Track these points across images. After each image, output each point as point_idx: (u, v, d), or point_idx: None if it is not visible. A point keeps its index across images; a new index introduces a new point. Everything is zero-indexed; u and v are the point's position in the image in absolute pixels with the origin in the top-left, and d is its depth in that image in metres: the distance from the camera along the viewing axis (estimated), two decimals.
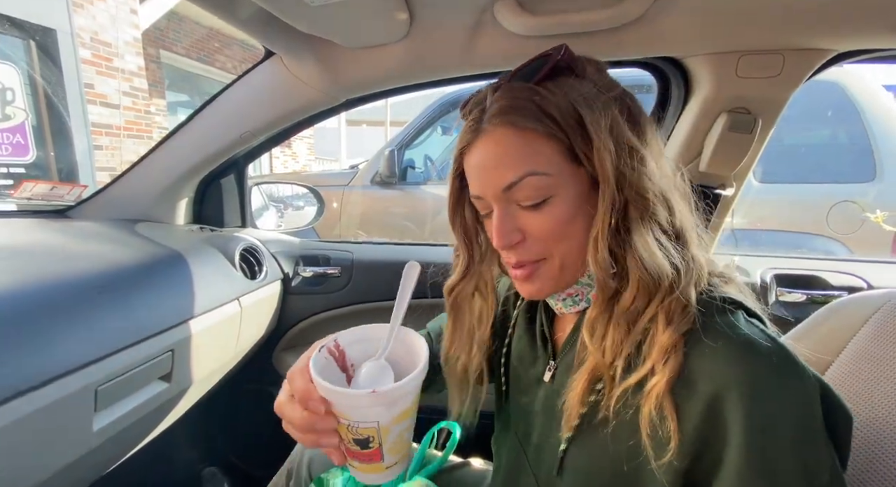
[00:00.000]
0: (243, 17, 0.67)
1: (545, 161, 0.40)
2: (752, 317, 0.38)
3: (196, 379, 0.82)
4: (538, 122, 0.40)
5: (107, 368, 0.62)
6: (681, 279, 0.38)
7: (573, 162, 0.41)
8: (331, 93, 0.88)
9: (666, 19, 0.67)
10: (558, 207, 0.41)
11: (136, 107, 4.14)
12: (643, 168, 0.40)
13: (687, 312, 0.37)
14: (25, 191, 0.98)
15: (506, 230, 0.43)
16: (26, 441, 0.52)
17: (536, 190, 0.41)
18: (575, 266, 0.43)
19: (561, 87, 0.41)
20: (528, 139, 0.40)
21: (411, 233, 2.63)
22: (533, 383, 0.51)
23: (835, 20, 0.65)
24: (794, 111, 0.78)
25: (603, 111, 0.40)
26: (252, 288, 0.99)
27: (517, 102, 0.41)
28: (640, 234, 0.39)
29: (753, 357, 0.34)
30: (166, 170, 1.01)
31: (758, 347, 0.35)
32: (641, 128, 0.42)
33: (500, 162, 0.41)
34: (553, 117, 0.40)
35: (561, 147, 0.40)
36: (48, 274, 0.64)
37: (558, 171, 0.41)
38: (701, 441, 0.35)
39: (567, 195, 0.41)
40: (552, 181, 0.40)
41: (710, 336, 0.36)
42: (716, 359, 0.35)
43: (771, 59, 0.71)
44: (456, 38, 0.73)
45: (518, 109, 0.40)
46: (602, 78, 0.43)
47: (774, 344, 0.35)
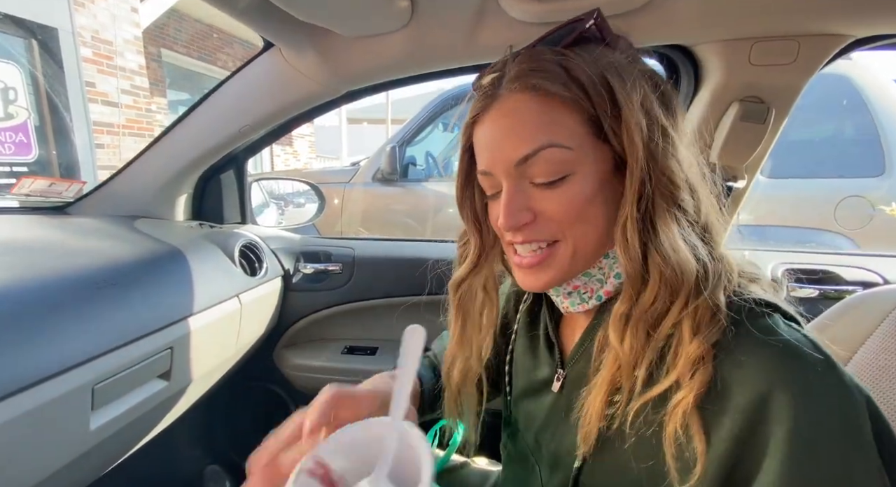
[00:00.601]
0: (240, 7, 0.65)
1: (567, 133, 0.36)
2: (790, 321, 0.34)
3: (196, 377, 0.81)
4: (563, 87, 0.35)
5: (104, 366, 0.60)
6: (708, 279, 0.34)
7: (597, 136, 0.37)
8: (331, 84, 0.86)
9: (676, 5, 0.65)
10: (576, 186, 0.37)
11: (137, 106, 4.14)
12: (674, 151, 0.36)
13: (717, 319, 0.33)
14: (24, 188, 0.97)
15: (515, 208, 0.38)
16: (21, 441, 0.51)
17: (554, 165, 0.36)
18: (587, 254, 0.39)
19: (591, 53, 0.37)
20: (549, 106, 0.36)
21: (413, 230, 2.62)
22: (539, 391, 0.48)
23: (852, 4, 0.63)
24: (802, 104, 0.76)
25: (635, 83, 0.36)
26: (252, 284, 0.97)
27: (541, 64, 0.36)
28: (666, 225, 0.35)
29: (798, 362, 0.31)
30: (165, 166, 1.00)
31: (802, 353, 0.31)
32: (673, 110, 0.38)
33: (515, 131, 0.37)
34: (580, 82, 0.35)
35: (585, 118, 0.36)
36: (46, 271, 0.63)
37: (580, 145, 0.36)
38: (735, 460, 0.31)
39: (587, 173, 0.37)
40: (572, 156, 0.36)
41: (745, 343, 0.32)
42: (754, 368, 0.31)
43: (786, 46, 0.68)
44: (458, 27, 0.71)
45: (541, 72, 0.36)
46: (633, 52, 0.39)
47: (819, 351, 0.31)
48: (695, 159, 0.39)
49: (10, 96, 3.30)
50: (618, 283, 0.40)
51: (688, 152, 0.38)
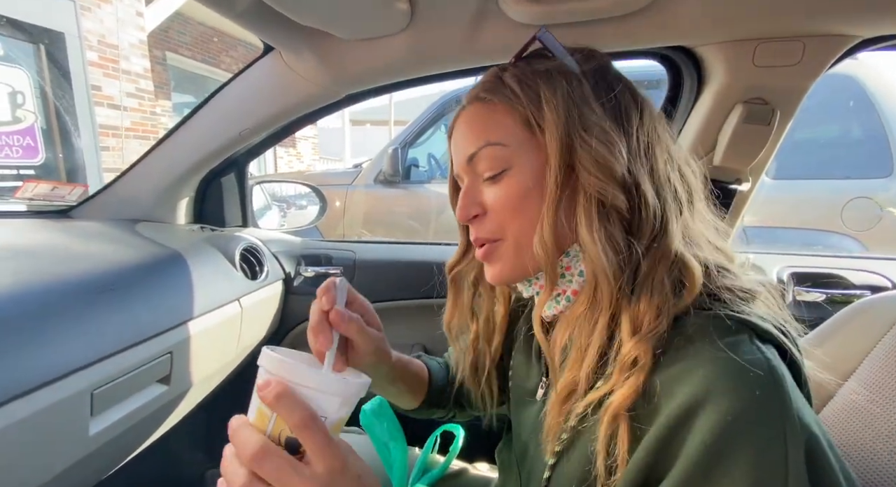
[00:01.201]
0: (239, 10, 0.65)
1: (503, 131, 0.41)
2: (766, 341, 0.32)
3: (196, 381, 0.80)
4: (498, 94, 0.41)
5: (103, 371, 0.60)
6: (648, 277, 0.35)
7: (532, 133, 0.40)
8: (331, 87, 0.86)
9: (678, 6, 0.64)
10: (514, 179, 0.41)
11: (142, 109, 4.17)
12: (604, 148, 0.37)
13: (658, 323, 0.33)
14: (27, 192, 0.98)
15: (466, 202, 0.43)
16: (20, 447, 0.51)
17: (494, 160, 0.41)
18: (532, 250, 0.40)
19: (531, 63, 0.42)
20: (489, 110, 0.42)
21: (415, 232, 2.62)
22: (528, 399, 0.49)
23: (859, 4, 0.62)
24: (808, 104, 0.74)
25: (565, 82, 0.39)
26: (253, 288, 0.97)
27: (486, 79, 0.44)
28: (585, 218, 0.37)
29: (739, 381, 0.29)
30: (166, 170, 1.00)
31: (745, 372, 0.29)
32: (622, 111, 0.40)
33: (465, 135, 0.43)
34: (511, 88, 0.41)
35: (519, 118, 0.40)
36: (48, 276, 0.63)
37: (517, 143, 0.41)
38: (650, 469, 0.31)
39: (524, 167, 0.41)
40: (509, 152, 0.41)
41: (694, 354, 0.31)
42: (692, 380, 0.30)
43: (790, 47, 0.67)
44: (458, 29, 0.71)
45: (484, 84, 0.43)
46: (582, 58, 0.42)
47: (770, 377, 0.29)
48: (661, 159, 0.40)
49: (18, 100, 3.33)
50: (582, 281, 0.40)
51: (641, 151, 0.39)
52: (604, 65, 0.43)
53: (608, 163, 0.37)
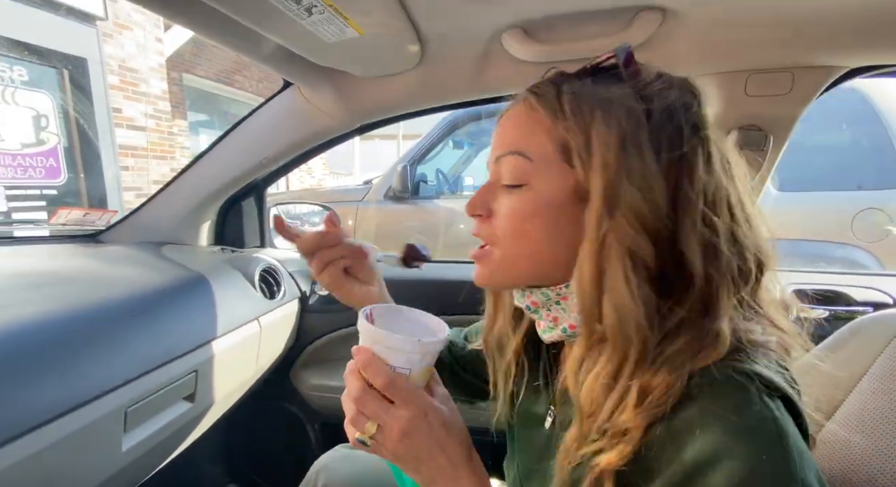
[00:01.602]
0: (264, 54, 0.71)
1: (534, 145, 0.38)
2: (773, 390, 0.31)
3: (218, 398, 0.84)
4: (546, 105, 0.38)
5: (136, 390, 0.64)
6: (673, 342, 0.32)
7: (565, 159, 0.37)
8: (346, 119, 0.91)
9: (672, 42, 0.68)
10: (528, 196, 0.39)
11: (160, 129, 4.32)
12: (648, 198, 0.34)
13: (666, 398, 0.31)
14: (61, 218, 1.04)
15: (478, 199, 0.42)
16: (60, 464, 0.55)
17: (513, 170, 0.39)
18: (522, 266, 0.41)
19: (595, 83, 0.38)
20: (531, 119, 0.39)
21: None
22: (535, 424, 0.48)
23: (845, 37, 0.65)
24: (815, 118, 0.76)
25: (623, 119, 0.35)
26: (271, 307, 1.01)
27: (542, 83, 0.40)
28: (616, 274, 0.33)
29: (740, 445, 0.28)
30: (190, 195, 1.05)
31: (749, 435, 0.29)
32: (684, 162, 0.35)
33: (501, 133, 0.42)
34: (562, 106, 0.37)
35: (557, 138, 0.37)
36: (83, 301, 0.68)
37: (543, 161, 0.38)
38: None
39: (541, 189, 0.38)
40: (531, 167, 0.38)
41: (697, 411, 0.30)
42: (694, 442, 0.29)
43: (780, 78, 0.71)
44: (466, 66, 0.76)
45: (540, 87, 0.40)
46: (654, 87, 0.37)
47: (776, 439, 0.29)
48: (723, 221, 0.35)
49: (42, 123, 3.48)
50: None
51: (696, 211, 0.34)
52: (675, 105, 0.36)
53: (645, 218, 0.34)
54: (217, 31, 0.63)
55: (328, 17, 0.56)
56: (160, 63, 4.29)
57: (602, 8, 0.61)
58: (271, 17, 0.55)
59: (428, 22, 0.63)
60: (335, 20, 0.57)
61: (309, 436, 1.23)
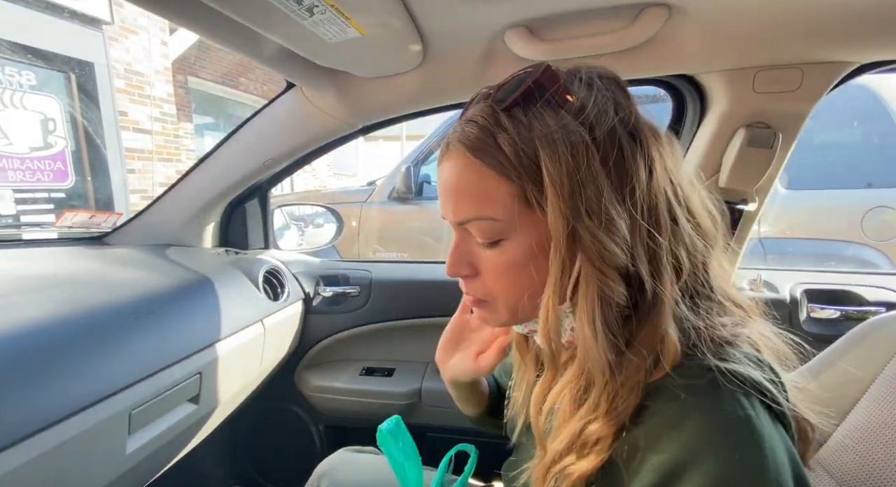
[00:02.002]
0: (267, 55, 0.71)
1: (497, 205, 0.36)
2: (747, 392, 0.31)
3: (222, 400, 0.84)
4: (493, 159, 0.35)
5: (140, 392, 0.64)
6: (621, 369, 0.33)
7: (529, 207, 0.36)
8: (348, 120, 0.91)
9: (679, 38, 0.67)
10: (508, 253, 0.38)
11: (166, 132, 4.35)
12: (608, 235, 0.33)
13: (628, 400, 0.32)
14: (67, 220, 1.05)
15: (455, 259, 0.41)
16: (65, 467, 0.55)
17: (485, 232, 0.38)
18: (527, 308, 0.39)
19: (529, 118, 0.35)
20: (482, 176, 0.36)
21: (428, 246, 2.65)
22: (524, 426, 0.49)
23: (855, 32, 0.64)
24: (824, 115, 0.76)
25: (570, 154, 0.33)
26: (275, 309, 1.01)
27: (476, 132, 0.36)
28: (585, 311, 0.34)
29: (712, 446, 0.28)
30: (195, 197, 1.06)
31: (722, 435, 0.29)
32: (628, 173, 0.34)
33: (453, 196, 0.38)
34: (508, 157, 0.35)
35: (514, 190, 0.35)
36: (90, 303, 0.68)
37: (510, 217, 0.36)
38: None
39: (520, 241, 0.37)
40: (502, 226, 0.37)
41: (669, 414, 0.31)
42: (666, 445, 0.30)
43: (789, 74, 0.70)
44: (468, 65, 0.75)
45: (475, 141, 0.36)
46: (592, 106, 0.34)
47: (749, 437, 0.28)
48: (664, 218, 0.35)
49: (50, 127, 3.51)
50: (573, 335, 0.39)
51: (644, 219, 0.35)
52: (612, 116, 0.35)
53: (611, 255, 0.33)
54: (219, 32, 0.63)
55: (329, 18, 0.55)
56: (166, 66, 4.33)
57: (607, 5, 0.60)
58: (272, 18, 0.55)
59: (430, 21, 0.63)
60: (336, 20, 0.56)
61: (313, 438, 1.23)
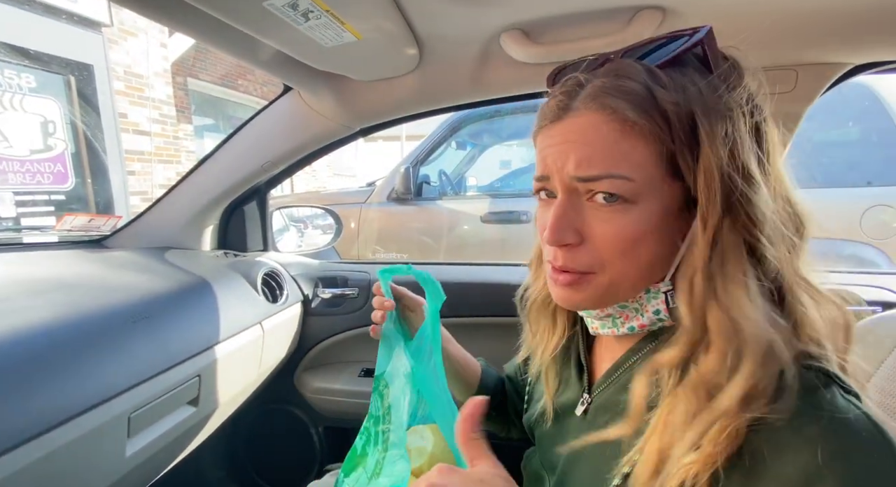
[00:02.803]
0: (263, 59, 0.71)
1: (636, 165, 0.33)
2: (848, 393, 0.30)
3: (221, 402, 0.84)
4: (644, 116, 0.32)
5: (139, 395, 0.65)
6: (775, 352, 0.30)
7: (670, 172, 0.34)
8: (346, 123, 0.91)
9: None
10: (632, 217, 0.34)
11: (165, 134, 4.36)
12: (758, 200, 0.32)
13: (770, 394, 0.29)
14: (66, 224, 1.05)
15: (563, 224, 0.36)
16: (64, 470, 0.55)
17: (614, 192, 0.34)
18: (626, 288, 0.37)
19: (683, 78, 0.33)
20: (625, 133, 0.33)
21: (427, 247, 2.66)
22: (562, 413, 0.48)
23: (849, 34, 0.64)
24: (822, 113, 0.76)
25: (726, 122, 0.32)
26: (274, 311, 1.02)
27: (625, 85, 0.33)
28: (737, 285, 0.31)
29: (849, 441, 0.27)
30: (193, 200, 1.06)
31: (854, 431, 0.27)
32: (767, 151, 0.34)
33: (582, 150, 0.34)
34: (664, 113, 0.32)
35: (660, 151, 0.33)
36: (89, 307, 0.68)
37: (647, 179, 0.33)
38: None
39: (648, 208, 0.34)
40: (635, 188, 0.33)
41: (795, 417, 0.28)
42: (798, 445, 0.28)
43: (783, 75, 0.70)
44: (464, 68, 0.75)
45: (627, 94, 0.33)
46: (736, 79, 0.34)
47: (877, 430, 0.28)
48: (781, 204, 0.34)
49: (50, 129, 3.52)
50: (656, 319, 0.38)
51: (774, 197, 0.34)
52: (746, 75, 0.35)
53: (761, 220, 0.32)
54: (215, 37, 0.64)
55: (325, 23, 0.56)
56: (165, 68, 4.34)
57: (601, 8, 0.60)
58: (268, 23, 0.55)
59: (425, 25, 0.63)
60: (332, 25, 0.57)
61: (313, 439, 1.23)
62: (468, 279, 1.14)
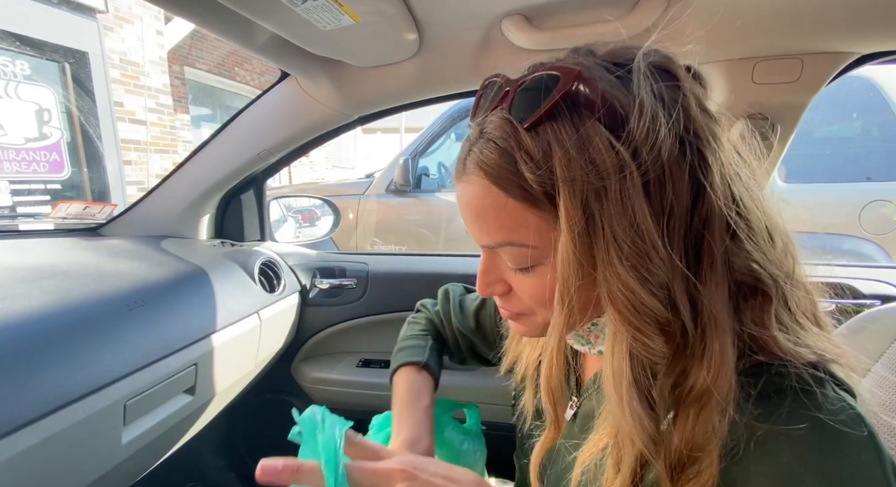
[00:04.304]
0: (259, 43, 0.70)
1: (526, 232, 0.33)
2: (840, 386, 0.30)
3: (218, 391, 0.84)
4: (516, 188, 0.32)
5: (135, 383, 0.64)
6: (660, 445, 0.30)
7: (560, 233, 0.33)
8: (344, 110, 0.90)
9: (677, 29, 0.66)
10: (544, 276, 0.35)
11: (162, 123, 4.32)
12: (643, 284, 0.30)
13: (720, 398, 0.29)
14: (61, 212, 1.04)
15: (487, 280, 0.38)
16: (60, 456, 0.55)
17: (517, 258, 0.35)
18: (568, 326, 0.37)
19: (553, 136, 0.30)
20: (506, 203, 0.33)
21: (426, 239, 2.65)
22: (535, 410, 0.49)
23: (856, 22, 0.63)
24: (823, 108, 0.75)
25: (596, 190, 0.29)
26: (271, 301, 1.01)
27: (495, 158, 0.32)
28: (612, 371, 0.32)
29: (833, 444, 0.27)
30: (189, 188, 1.05)
31: (839, 433, 0.27)
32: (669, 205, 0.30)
33: (478, 221, 0.35)
34: (532, 185, 0.31)
35: (547, 216, 0.32)
36: (82, 295, 0.68)
37: (546, 243, 0.33)
38: None
39: (559, 263, 0.33)
40: (536, 252, 0.34)
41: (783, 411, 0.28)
42: (780, 447, 0.28)
43: (788, 64, 0.69)
44: (465, 54, 0.74)
45: (495, 167, 0.32)
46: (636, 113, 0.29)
47: (863, 428, 0.28)
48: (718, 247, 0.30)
49: (45, 117, 3.49)
50: None
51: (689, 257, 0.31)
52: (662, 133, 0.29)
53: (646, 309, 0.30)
54: (211, 19, 0.62)
55: (322, 4, 0.55)
56: (161, 56, 4.28)
57: None
58: (265, 4, 0.54)
59: (425, 9, 0.62)
60: (330, 7, 0.55)
61: None
62: (424, 270, 1.14)
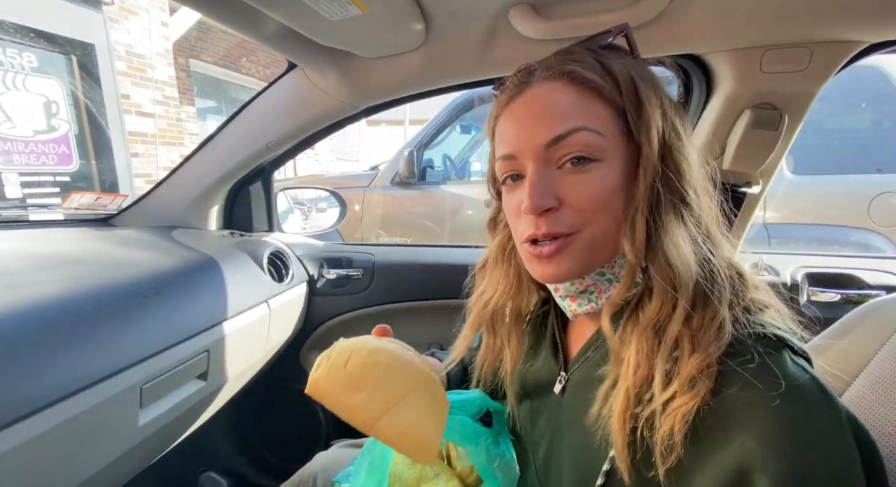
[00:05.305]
0: (267, 34, 0.70)
1: (600, 121, 0.38)
2: (798, 356, 0.33)
3: (230, 377, 0.86)
4: (599, 77, 0.38)
5: (150, 368, 0.66)
6: (713, 287, 0.35)
7: (624, 131, 0.39)
8: (351, 101, 0.91)
9: (685, 17, 0.66)
10: (604, 173, 0.38)
11: (168, 115, 4.33)
12: (684, 151, 0.39)
13: (720, 335, 0.33)
14: (73, 202, 1.05)
15: (541, 190, 0.38)
16: (84, 435, 0.57)
17: (587, 148, 0.37)
18: (604, 247, 0.39)
19: (620, 58, 0.40)
20: (584, 94, 0.38)
21: (431, 231, 2.66)
22: (538, 393, 0.49)
23: (865, 10, 0.62)
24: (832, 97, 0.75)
25: (654, 88, 0.39)
26: (280, 290, 1.03)
27: (579, 57, 0.39)
28: (671, 221, 0.37)
29: (798, 408, 0.29)
30: (198, 180, 1.06)
31: (807, 400, 0.30)
32: (681, 116, 0.41)
33: (549, 114, 0.38)
34: (614, 76, 0.38)
35: (616, 112, 0.38)
36: (97, 282, 0.70)
37: (612, 136, 0.38)
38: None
39: (614, 164, 0.38)
40: (603, 143, 0.38)
41: (750, 377, 0.31)
42: (755, 408, 0.30)
43: (797, 53, 0.68)
44: (471, 44, 0.74)
45: (580, 63, 0.39)
46: (648, 63, 0.43)
47: (823, 395, 0.30)
48: (700, 167, 0.41)
49: (53, 110, 3.51)
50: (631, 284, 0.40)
51: (695, 158, 0.40)
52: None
53: (688, 168, 0.38)
54: (219, 10, 0.63)
55: None
56: (167, 48, 4.28)
57: None
58: None
59: None
60: None
61: (318, 416, 1.26)
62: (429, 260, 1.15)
